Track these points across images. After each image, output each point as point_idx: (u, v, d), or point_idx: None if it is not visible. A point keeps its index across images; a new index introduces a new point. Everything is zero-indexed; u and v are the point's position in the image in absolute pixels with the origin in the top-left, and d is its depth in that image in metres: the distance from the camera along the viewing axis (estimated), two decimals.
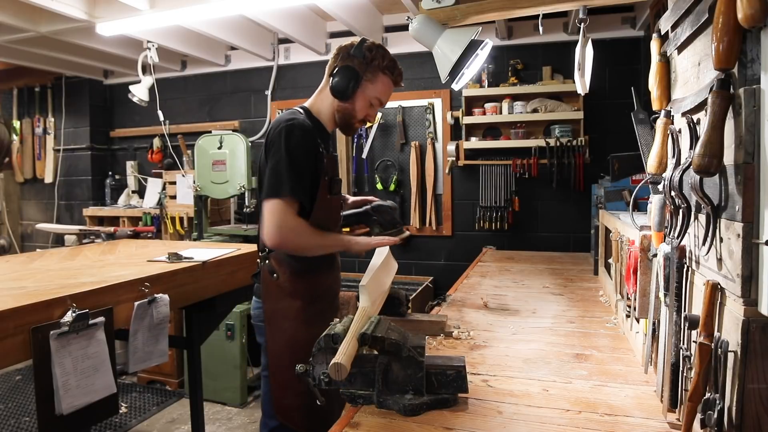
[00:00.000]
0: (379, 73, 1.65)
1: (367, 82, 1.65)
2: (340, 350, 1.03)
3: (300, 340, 1.59)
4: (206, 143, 3.70)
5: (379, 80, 1.66)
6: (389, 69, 1.66)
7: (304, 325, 1.62)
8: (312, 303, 1.66)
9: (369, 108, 1.70)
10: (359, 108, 1.68)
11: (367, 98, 1.67)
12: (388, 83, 1.68)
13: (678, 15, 1.05)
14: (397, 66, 1.69)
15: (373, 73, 1.65)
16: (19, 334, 1.35)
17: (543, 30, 2.00)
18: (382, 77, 1.66)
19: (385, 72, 1.66)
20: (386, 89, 1.70)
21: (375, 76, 1.65)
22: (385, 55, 1.66)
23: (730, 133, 0.79)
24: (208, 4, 2.76)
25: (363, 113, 1.69)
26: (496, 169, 3.66)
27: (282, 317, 1.64)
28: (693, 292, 0.99)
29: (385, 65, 1.65)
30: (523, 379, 1.29)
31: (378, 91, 1.68)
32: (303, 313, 1.64)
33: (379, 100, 1.69)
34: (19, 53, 3.79)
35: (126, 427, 3.17)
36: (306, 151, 1.57)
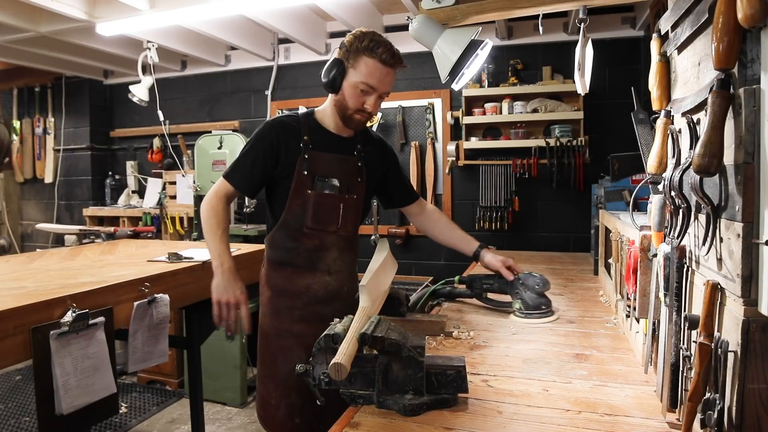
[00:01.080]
0: (361, 56, 1.58)
1: (351, 69, 1.60)
2: (340, 350, 1.03)
3: (264, 329, 1.74)
4: (206, 143, 3.71)
5: (362, 63, 1.58)
6: (369, 49, 1.57)
7: (269, 315, 1.73)
8: (280, 295, 1.71)
9: (360, 96, 1.62)
10: (348, 96, 1.62)
11: (354, 85, 1.60)
12: (372, 65, 1.58)
13: (678, 15, 1.05)
14: (380, 44, 1.58)
15: (354, 58, 1.59)
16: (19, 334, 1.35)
17: (543, 30, 2.00)
18: (365, 59, 1.58)
19: (367, 53, 1.57)
20: (372, 71, 1.59)
21: (357, 61, 1.59)
22: (365, 37, 1.58)
23: (730, 133, 0.79)
24: (208, 4, 2.76)
25: (354, 102, 1.62)
26: (496, 169, 3.66)
27: (261, 303, 1.77)
28: (693, 292, 0.99)
29: (364, 46, 1.57)
30: (523, 379, 1.29)
31: (363, 74, 1.59)
32: (270, 302, 1.73)
33: (368, 84, 1.59)
34: (19, 53, 3.79)
35: (126, 427, 3.17)
36: (260, 143, 1.67)
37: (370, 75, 1.59)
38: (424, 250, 3.90)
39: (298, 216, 1.66)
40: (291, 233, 1.68)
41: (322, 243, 1.70)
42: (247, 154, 1.69)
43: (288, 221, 1.67)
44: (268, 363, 1.73)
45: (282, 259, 1.71)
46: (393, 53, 1.59)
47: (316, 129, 1.71)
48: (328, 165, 1.69)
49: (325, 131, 1.72)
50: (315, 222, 1.67)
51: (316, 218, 1.67)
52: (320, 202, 1.67)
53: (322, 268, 1.71)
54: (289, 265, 1.70)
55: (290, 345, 1.68)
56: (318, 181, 1.66)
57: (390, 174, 1.90)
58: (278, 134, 1.66)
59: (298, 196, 1.65)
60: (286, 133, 1.67)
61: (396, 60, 1.61)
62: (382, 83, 1.61)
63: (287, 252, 1.70)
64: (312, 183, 1.66)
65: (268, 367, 1.72)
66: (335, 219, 1.70)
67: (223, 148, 3.63)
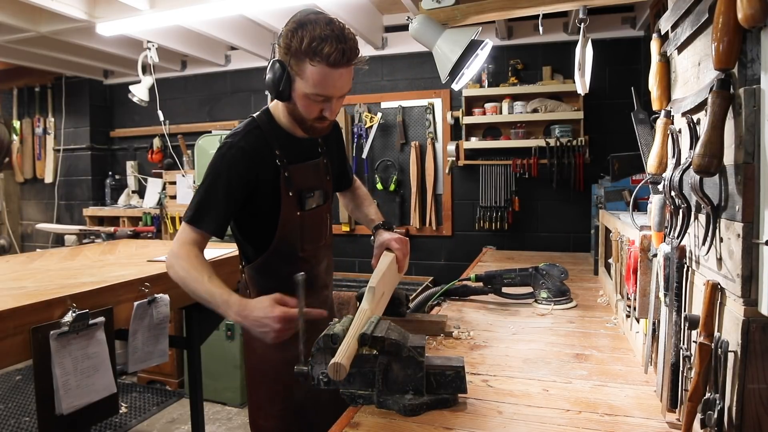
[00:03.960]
0: (305, 62, 1.26)
1: (297, 77, 1.30)
2: (340, 350, 1.03)
3: (269, 363, 1.50)
4: (206, 143, 3.70)
5: (307, 71, 1.27)
6: (313, 52, 1.24)
7: (273, 349, 1.40)
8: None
9: (314, 105, 1.34)
10: (303, 108, 1.35)
11: (304, 96, 1.32)
12: (320, 71, 1.26)
13: (678, 15, 1.05)
14: (326, 43, 1.23)
15: (297, 64, 1.28)
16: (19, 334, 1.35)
17: (543, 30, 2.00)
18: (309, 66, 1.26)
19: (308, 57, 1.25)
20: (321, 79, 1.27)
21: (301, 68, 1.28)
22: (306, 35, 1.24)
23: (730, 133, 0.79)
24: (208, 4, 2.76)
25: (309, 113, 1.36)
26: (496, 169, 3.66)
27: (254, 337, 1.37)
28: (693, 292, 0.99)
29: (305, 49, 1.24)
30: (523, 379, 1.29)
31: (310, 84, 1.28)
32: None
33: (320, 94, 1.30)
34: (19, 53, 3.79)
35: (126, 427, 3.17)
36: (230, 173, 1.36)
37: (321, 83, 1.28)
38: (424, 250, 3.90)
39: (291, 241, 1.46)
40: (283, 259, 1.47)
41: (316, 260, 1.56)
42: (215, 189, 1.36)
43: (279, 249, 1.46)
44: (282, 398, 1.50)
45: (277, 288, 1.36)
46: (343, 50, 1.25)
47: (283, 136, 1.46)
48: (307, 176, 1.50)
49: (290, 136, 1.47)
50: (309, 243, 1.51)
51: (310, 238, 1.51)
52: (311, 221, 1.51)
53: (319, 284, 1.59)
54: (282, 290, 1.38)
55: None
56: (305, 199, 1.47)
57: (340, 159, 1.70)
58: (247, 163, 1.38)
59: (289, 221, 1.44)
60: (258, 157, 1.39)
61: (349, 56, 1.27)
62: (337, 88, 1.31)
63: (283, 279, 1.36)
64: (299, 202, 1.46)
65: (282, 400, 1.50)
66: (324, 232, 1.58)
67: None
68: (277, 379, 1.49)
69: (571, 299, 1.96)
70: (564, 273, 1.94)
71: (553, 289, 1.92)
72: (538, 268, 1.95)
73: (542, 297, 1.94)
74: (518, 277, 1.98)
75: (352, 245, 3.99)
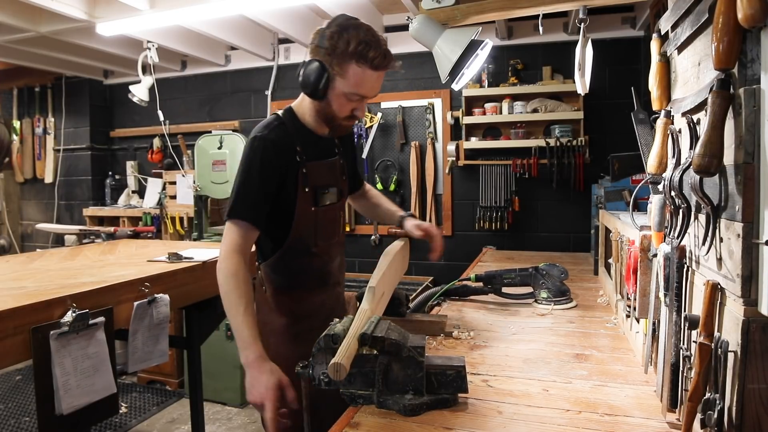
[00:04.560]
0: (349, 63, 1.36)
1: (337, 77, 1.38)
2: (340, 350, 1.03)
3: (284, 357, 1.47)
4: (206, 143, 3.70)
5: (350, 71, 1.36)
6: (360, 55, 1.35)
7: (288, 342, 1.52)
8: (298, 321, 1.54)
9: (348, 104, 1.43)
10: (337, 107, 1.43)
11: (342, 94, 1.40)
12: (362, 72, 1.37)
13: (678, 15, 1.05)
14: (371, 47, 1.35)
15: (340, 64, 1.36)
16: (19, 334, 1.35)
17: (543, 30, 2.00)
18: (354, 67, 1.36)
19: (355, 60, 1.35)
20: (362, 80, 1.38)
21: (344, 68, 1.37)
22: (352, 39, 1.35)
23: (730, 133, 0.79)
24: (208, 4, 2.76)
25: (342, 111, 1.44)
26: (496, 169, 3.66)
27: (269, 332, 1.53)
28: (693, 292, 0.99)
29: (351, 51, 1.34)
30: (523, 379, 1.29)
31: (352, 84, 1.38)
32: (288, 329, 1.54)
33: (358, 94, 1.40)
34: (19, 53, 3.79)
35: (126, 427, 3.17)
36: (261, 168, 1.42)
37: (362, 84, 1.39)
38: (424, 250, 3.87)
39: (305, 237, 1.51)
40: (297, 255, 1.53)
41: (329, 256, 1.61)
42: (252, 181, 1.42)
43: (293, 245, 1.51)
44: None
45: (291, 284, 1.54)
46: (385, 54, 1.38)
47: (305, 134, 1.52)
48: (323, 174, 1.55)
49: (311, 134, 1.53)
50: (323, 239, 1.56)
51: (323, 235, 1.56)
52: (325, 217, 1.55)
53: (332, 281, 1.63)
54: (299, 287, 1.55)
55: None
56: (320, 195, 1.53)
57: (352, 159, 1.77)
58: (276, 153, 1.44)
59: (304, 216, 1.49)
60: (281, 150, 1.45)
61: (388, 60, 1.40)
62: (374, 88, 1.43)
63: (297, 275, 1.54)
64: (314, 199, 1.51)
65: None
66: (337, 230, 1.62)
67: (223, 148, 3.63)
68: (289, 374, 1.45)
69: (571, 299, 1.96)
70: (564, 273, 1.95)
71: (553, 289, 1.93)
72: (538, 268, 1.96)
73: (542, 297, 1.95)
74: (518, 277, 1.99)
75: (352, 245, 3.99)
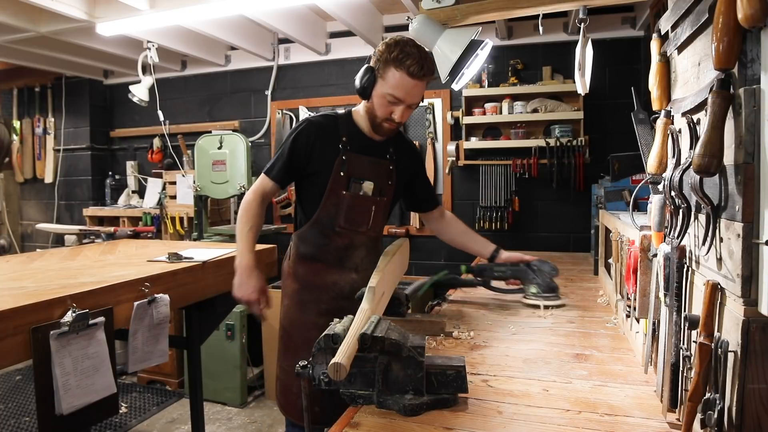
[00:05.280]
0: (389, 67, 1.61)
1: (380, 79, 1.64)
2: (340, 350, 1.02)
3: (288, 320, 1.80)
4: (206, 143, 3.70)
5: (389, 74, 1.62)
6: (398, 61, 1.59)
7: (296, 307, 1.78)
8: (307, 289, 1.76)
9: (388, 106, 1.66)
10: (377, 106, 1.68)
11: (382, 95, 1.65)
12: (398, 77, 1.61)
13: (678, 15, 1.05)
14: (409, 56, 1.59)
15: (383, 68, 1.63)
16: (19, 334, 1.35)
17: (543, 30, 2.00)
18: (392, 71, 1.61)
19: (394, 65, 1.61)
20: (399, 83, 1.62)
21: (385, 72, 1.63)
22: (396, 47, 1.60)
23: (730, 133, 0.79)
24: (208, 4, 2.76)
25: (382, 111, 1.68)
26: (496, 169, 3.66)
27: (284, 294, 1.83)
28: (693, 292, 0.99)
29: (392, 57, 1.60)
30: (523, 379, 1.29)
31: (389, 86, 1.63)
32: (297, 294, 1.78)
33: (393, 96, 1.64)
34: (19, 53, 3.79)
35: (126, 427, 3.17)
36: (297, 139, 1.72)
37: (397, 87, 1.62)
38: (424, 250, 3.90)
39: (331, 215, 1.73)
40: (323, 230, 1.75)
41: (352, 242, 1.77)
42: (284, 150, 1.74)
43: (321, 219, 1.74)
44: (292, 353, 1.74)
45: (312, 255, 1.77)
46: (422, 65, 1.60)
47: (354, 131, 1.77)
48: (363, 167, 1.75)
49: (362, 134, 1.77)
50: (347, 222, 1.74)
51: (349, 219, 1.74)
52: (353, 204, 1.73)
53: (350, 266, 1.78)
54: (318, 260, 1.77)
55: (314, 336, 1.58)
56: (353, 183, 1.73)
57: (417, 179, 1.98)
58: (313, 133, 1.72)
59: (333, 196, 1.72)
60: (322, 132, 1.73)
61: (425, 72, 1.62)
62: (410, 95, 1.64)
63: (317, 248, 1.77)
64: (347, 184, 1.72)
65: (292, 357, 1.71)
66: (366, 220, 1.77)
67: (223, 148, 3.63)
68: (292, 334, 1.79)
69: (559, 297, 1.96)
70: (554, 269, 1.94)
71: (542, 285, 1.93)
72: (529, 264, 1.95)
73: (531, 292, 1.95)
74: (509, 272, 1.99)
75: None
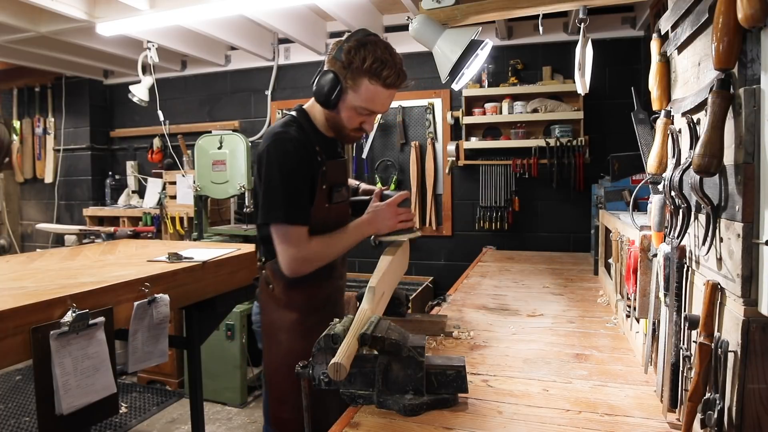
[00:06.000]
0: (362, 79, 1.40)
1: (350, 90, 1.42)
2: (340, 350, 1.03)
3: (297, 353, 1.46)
4: (206, 143, 3.70)
5: (362, 87, 1.41)
6: (374, 72, 1.39)
7: (301, 338, 1.52)
8: (309, 315, 1.55)
9: (357, 117, 1.47)
10: (346, 118, 1.48)
11: (352, 108, 1.45)
12: (373, 90, 1.41)
13: (678, 15, 1.05)
14: (386, 66, 1.39)
15: (354, 78, 1.40)
16: (19, 334, 1.35)
17: (543, 30, 2.00)
18: (366, 83, 1.40)
19: (367, 76, 1.39)
20: (374, 96, 1.43)
21: (357, 83, 1.41)
22: (368, 56, 1.38)
23: (730, 133, 0.79)
24: (208, 4, 2.76)
25: (351, 123, 1.49)
26: (496, 169, 3.66)
27: (278, 329, 1.55)
28: (693, 292, 0.99)
29: (366, 68, 1.38)
30: (523, 379, 1.29)
31: (362, 99, 1.43)
32: (300, 325, 1.54)
33: (368, 109, 1.45)
34: (19, 53, 3.79)
35: (126, 427, 3.17)
36: (298, 167, 1.44)
37: (373, 100, 1.44)
38: (424, 250, 3.90)
39: (319, 233, 1.51)
40: None
41: None
42: (293, 182, 1.44)
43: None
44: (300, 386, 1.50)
45: (303, 278, 1.50)
46: (398, 73, 1.43)
47: (320, 135, 1.56)
48: (338, 172, 1.59)
49: (324, 135, 1.57)
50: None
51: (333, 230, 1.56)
52: (336, 214, 1.58)
53: (336, 275, 1.65)
54: (310, 281, 1.52)
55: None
56: (334, 193, 1.55)
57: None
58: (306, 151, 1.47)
59: (319, 212, 1.51)
60: (307, 148, 1.48)
61: (402, 79, 1.45)
62: (384, 105, 1.49)
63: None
64: (328, 196, 1.53)
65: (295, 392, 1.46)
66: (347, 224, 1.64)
67: (223, 148, 3.63)
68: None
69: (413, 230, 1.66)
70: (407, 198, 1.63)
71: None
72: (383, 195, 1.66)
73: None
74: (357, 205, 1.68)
75: None
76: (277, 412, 1.55)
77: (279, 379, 1.55)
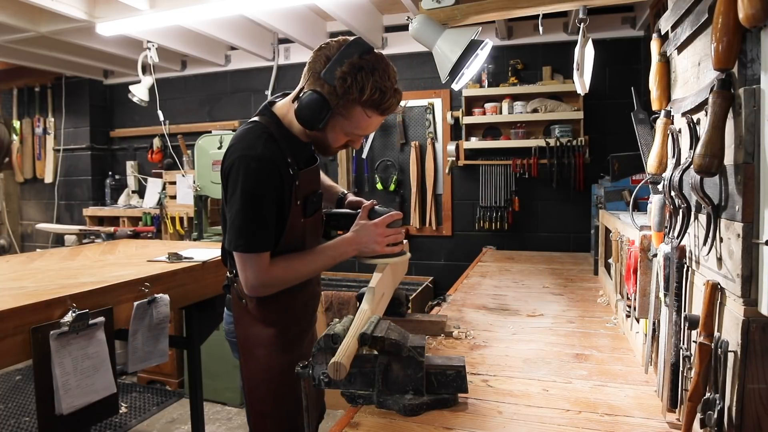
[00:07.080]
0: (357, 107, 1.30)
1: (340, 116, 1.32)
2: (340, 350, 1.03)
3: (276, 368, 1.46)
4: (206, 143, 3.70)
5: (356, 114, 1.32)
6: (372, 104, 1.29)
7: (279, 353, 1.45)
8: (287, 328, 1.48)
9: (345, 138, 1.40)
10: (333, 139, 1.39)
11: (341, 131, 1.36)
12: (369, 117, 1.33)
13: (678, 15, 1.05)
14: (385, 95, 1.30)
15: (347, 107, 1.30)
16: (19, 334, 1.35)
17: (543, 30, 2.00)
18: (360, 111, 1.31)
19: (364, 107, 1.30)
20: (368, 123, 1.35)
21: (349, 110, 1.31)
22: (366, 86, 1.26)
23: (730, 133, 0.79)
24: (208, 4, 2.76)
25: (339, 143, 1.41)
26: (496, 169, 3.66)
27: (254, 344, 1.46)
28: (693, 292, 0.99)
29: (364, 100, 1.28)
30: (523, 379, 1.29)
31: (355, 126, 1.35)
32: (277, 340, 1.46)
33: (358, 134, 1.39)
34: (19, 53, 3.79)
35: (126, 427, 3.17)
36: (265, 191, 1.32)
37: (365, 126, 1.36)
38: (424, 250, 3.90)
39: (295, 247, 1.43)
40: None
41: None
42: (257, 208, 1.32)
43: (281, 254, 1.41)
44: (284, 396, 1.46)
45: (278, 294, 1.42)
46: (398, 100, 1.36)
47: (292, 143, 1.41)
48: (312, 182, 1.48)
49: (297, 141, 1.43)
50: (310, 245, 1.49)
51: (311, 243, 1.49)
52: (312, 225, 1.49)
53: (312, 282, 1.57)
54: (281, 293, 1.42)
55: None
56: (309, 205, 1.45)
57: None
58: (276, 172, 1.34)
59: (294, 228, 1.41)
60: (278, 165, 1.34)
61: (399, 101, 1.37)
62: (375, 128, 1.43)
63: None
64: (303, 210, 1.42)
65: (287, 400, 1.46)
66: (320, 232, 1.58)
67: (223, 148, 3.62)
68: (283, 382, 1.45)
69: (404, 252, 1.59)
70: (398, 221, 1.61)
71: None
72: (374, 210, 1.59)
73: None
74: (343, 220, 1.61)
75: None
76: (260, 426, 1.51)
77: (259, 395, 1.49)
